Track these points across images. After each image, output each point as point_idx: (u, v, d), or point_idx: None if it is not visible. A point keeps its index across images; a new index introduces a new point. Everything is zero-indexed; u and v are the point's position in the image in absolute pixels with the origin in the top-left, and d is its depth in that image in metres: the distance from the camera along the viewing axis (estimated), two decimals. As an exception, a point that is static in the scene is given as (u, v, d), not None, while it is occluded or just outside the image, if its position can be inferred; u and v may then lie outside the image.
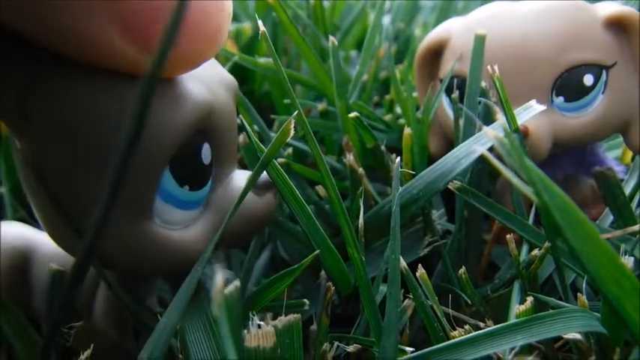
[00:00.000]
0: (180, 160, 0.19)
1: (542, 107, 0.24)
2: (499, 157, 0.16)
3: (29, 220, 0.33)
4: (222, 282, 0.13)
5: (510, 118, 0.25)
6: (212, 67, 0.22)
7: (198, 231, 0.21)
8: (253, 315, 0.19)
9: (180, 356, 0.21)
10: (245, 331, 0.18)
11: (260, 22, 0.24)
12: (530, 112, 0.25)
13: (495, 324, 0.24)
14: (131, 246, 0.19)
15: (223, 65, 0.44)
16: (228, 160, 0.22)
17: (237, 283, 0.15)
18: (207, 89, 0.20)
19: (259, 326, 0.18)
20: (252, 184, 0.21)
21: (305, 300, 0.23)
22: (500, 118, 0.16)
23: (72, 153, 0.18)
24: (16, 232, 0.27)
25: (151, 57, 0.16)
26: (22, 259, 0.26)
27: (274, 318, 0.20)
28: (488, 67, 0.26)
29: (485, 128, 0.16)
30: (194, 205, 0.21)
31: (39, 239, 0.27)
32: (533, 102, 0.25)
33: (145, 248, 0.19)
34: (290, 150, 0.34)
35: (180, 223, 0.21)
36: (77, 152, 0.18)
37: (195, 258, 0.21)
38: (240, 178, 0.23)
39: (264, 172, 0.23)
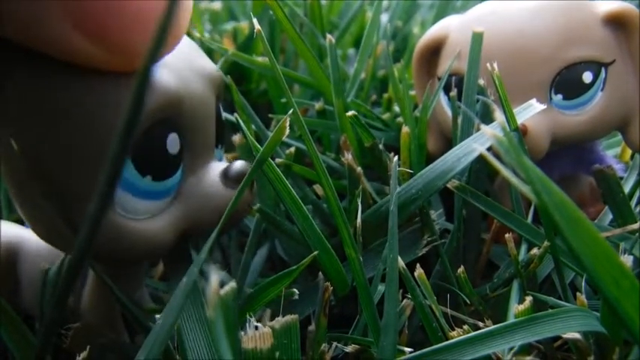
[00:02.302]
0: (142, 149, 0.19)
1: (543, 106, 0.24)
2: (498, 156, 0.15)
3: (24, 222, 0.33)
4: (217, 283, 0.13)
5: (509, 117, 0.25)
6: (189, 57, 0.22)
7: (164, 221, 0.21)
8: (251, 316, 0.18)
9: (178, 357, 0.20)
10: (242, 332, 0.17)
11: (255, 21, 0.24)
12: (531, 111, 0.25)
13: (494, 323, 0.24)
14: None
15: (221, 63, 0.44)
16: (202, 151, 0.22)
17: (232, 284, 0.15)
18: (176, 78, 0.20)
19: (256, 327, 0.18)
20: (241, 193, 0.21)
21: (294, 290, 0.23)
22: (499, 116, 0.16)
23: (51, 146, 0.18)
24: (3, 229, 0.27)
25: (113, 54, 0.17)
26: (9, 256, 0.26)
27: (272, 317, 0.20)
28: (487, 64, 0.26)
29: (484, 127, 0.16)
30: (160, 195, 0.21)
31: (26, 236, 0.26)
32: (533, 101, 0.25)
33: (107, 237, 0.19)
34: (292, 149, 0.34)
35: (144, 213, 0.20)
36: (60, 147, 0.18)
37: (160, 248, 0.21)
38: (214, 170, 0.22)
39: (238, 164, 0.22)
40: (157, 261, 0.34)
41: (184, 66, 0.21)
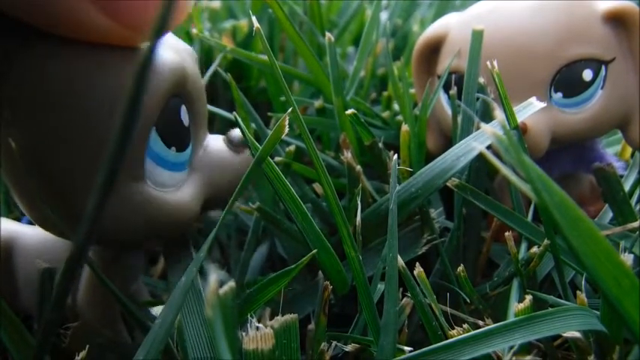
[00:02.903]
0: (165, 122, 0.20)
1: (543, 104, 0.24)
2: (497, 155, 0.15)
3: (22, 221, 0.32)
4: (216, 283, 0.13)
5: (509, 115, 0.25)
6: (173, 37, 0.23)
7: (189, 192, 0.22)
8: (252, 317, 0.18)
9: (178, 355, 0.20)
10: (243, 333, 0.17)
11: (254, 19, 0.24)
12: (531, 110, 0.24)
13: (494, 322, 0.24)
14: (127, 209, 0.20)
15: (221, 60, 0.44)
16: (201, 124, 0.23)
17: (231, 283, 0.15)
18: (178, 55, 0.21)
19: (257, 328, 0.18)
20: (245, 184, 0.22)
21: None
22: (499, 114, 0.16)
23: (56, 128, 0.18)
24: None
25: (130, 30, 0.17)
26: (5, 252, 0.26)
27: (271, 316, 0.20)
28: (488, 62, 0.26)
29: (484, 125, 0.16)
30: (181, 167, 0.22)
31: (21, 231, 0.26)
32: (533, 99, 0.25)
33: (140, 210, 0.20)
34: (292, 148, 0.33)
35: (171, 185, 0.21)
36: (61, 127, 0.18)
37: (189, 219, 0.22)
38: (215, 140, 0.24)
39: (236, 130, 0.24)
40: (157, 258, 0.34)
41: (177, 44, 0.22)
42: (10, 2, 0.17)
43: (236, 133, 0.24)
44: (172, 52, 0.21)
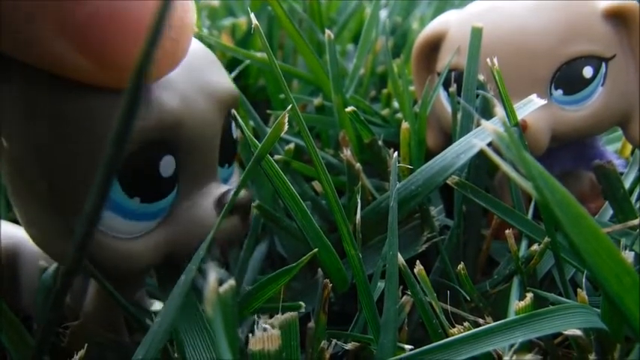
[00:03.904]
0: (132, 171, 0.19)
1: (543, 102, 0.24)
2: (498, 152, 0.15)
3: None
4: (215, 281, 0.13)
5: (510, 112, 0.25)
6: (199, 74, 0.21)
7: (148, 243, 0.20)
8: (259, 318, 0.18)
9: (176, 356, 0.20)
10: (250, 334, 0.17)
11: (253, 16, 0.23)
12: (531, 107, 0.24)
13: (494, 320, 0.24)
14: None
15: (220, 59, 0.44)
16: (200, 173, 0.21)
17: (231, 282, 0.15)
18: (176, 98, 0.19)
19: (265, 329, 0.17)
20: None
21: (301, 303, 0.23)
22: (500, 111, 0.16)
23: (49, 155, 0.18)
24: (2, 230, 0.27)
25: (109, 71, 0.16)
26: (10, 257, 0.26)
27: (271, 317, 0.20)
28: (488, 59, 0.26)
29: (485, 122, 0.16)
30: (147, 217, 0.20)
31: (25, 236, 0.26)
32: (533, 96, 0.25)
33: (88, 253, 0.18)
34: (292, 146, 0.33)
35: (129, 233, 0.20)
36: (51, 153, 0.18)
37: (142, 269, 0.20)
38: (211, 194, 0.21)
39: (231, 192, 0.21)
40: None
41: (191, 84, 0.20)
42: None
43: (231, 195, 0.21)
44: (169, 93, 0.19)
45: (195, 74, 0.20)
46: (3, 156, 0.19)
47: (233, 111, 0.21)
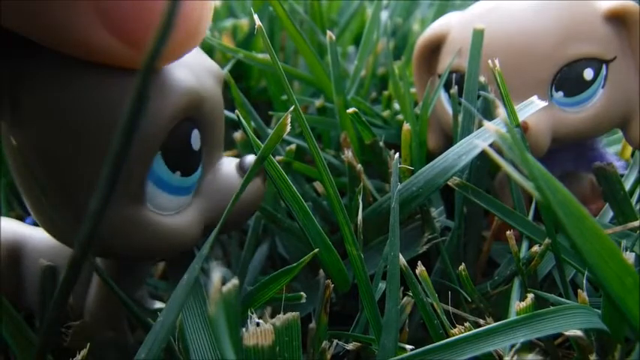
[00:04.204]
0: (171, 146, 0.20)
1: (544, 103, 0.24)
2: (499, 153, 0.15)
3: (24, 219, 0.32)
4: (219, 280, 0.13)
5: (511, 114, 0.25)
6: (198, 56, 0.22)
7: (189, 217, 0.21)
8: (252, 313, 0.18)
9: (180, 354, 0.20)
10: (243, 329, 0.17)
11: (256, 17, 0.23)
12: (532, 109, 0.24)
13: (495, 321, 0.24)
14: (123, 230, 0.19)
15: (220, 61, 0.44)
16: (216, 147, 0.23)
17: (235, 281, 0.15)
18: (195, 77, 0.20)
19: (258, 324, 0.18)
20: (249, 180, 0.21)
21: (302, 293, 0.23)
22: (502, 112, 0.16)
23: (64, 143, 0.18)
24: (5, 227, 0.27)
25: (138, 51, 0.17)
26: (13, 254, 0.26)
27: (273, 315, 0.20)
28: (489, 61, 0.26)
29: (487, 123, 0.16)
30: (186, 191, 0.21)
31: (28, 233, 0.27)
32: (534, 98, 0.25)
33: (137, 232, 0.20)
34: (293, 147, 0.33)
35: (172, 209, 0.21)
36: (69, 142, 0.18)
37: (187, 243, 0.21)
38: (228, 164, 0.23)
39: (250, 157, 0.23)
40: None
41: (197, 64, 0.21)
42: (26, 28, 0.17)
43: (249, 159, 0.23)
44: (188, 72, 0.20)
45: (195, 56, 0.21)
46: (12, 147, 0.19)
47: (236, 112, 0.22)
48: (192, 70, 0.20)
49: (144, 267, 0.26)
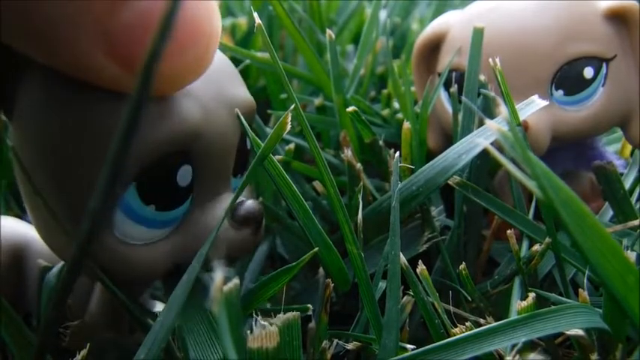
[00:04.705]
0: (149, 178, 0.19)
1: (545, 102, 0.24)
2: (500, 151, 0.15)
3: (23, 218, 0.32)
4: (221, 279, 0.13)
5: (512, 113, 0.25)
6: (219, 85, 0.21)
7: (160, 251, 0.20)
8: (257, 315, 0.18)
9: (179, 354, 0.20)
10: (248, 331, 0.17)
11: (256, 15, 0.23)
12: (533, 108, 0.24)
13: (495, 320, 0.24)
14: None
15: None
16: (215, 184, 0.21)
17: (236, 280, 0.14)
18: (198, 109, 0.19)
19: (264, 327, 0.17)
20: (232, 205, 0.20)
21: (309, 305, 0.23)
22: (504, 110, 0.16)
23: (54, 161, 0.18)
24: (9, 227, 0.27)
25: (133, 76, 0.16)
26: (17, 255, 0.26)
27: (273, 315, 0.20)
28: (490, 59, 0.26)
29: (489, 121, 0.16)
30: (161, 225, 0.20)
31: (32, 234, 0.26)
32: (535, 97, 0.25)
33: (101, 257, 0.19)
34: (292, 146, 0.33)
35: (141, 239, 0.20)
36: (59, 161, 0.18)
37: (150, 276, 0.20)
38: (224, 204, 0.21)
39: (249, 203, 0.21)
40: None
41: (211, 95, 0.20)
42: (26, 49, 0.17)
43: (244, 207, 0.21)
44: (191, 103, 0.19)
45: (215, 85, 0.20)
46: (13, 154, 0.19)
47: (236, 110, 0.21)
48: (199, 100, 0.19)
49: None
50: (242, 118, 0.21)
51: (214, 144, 0.20)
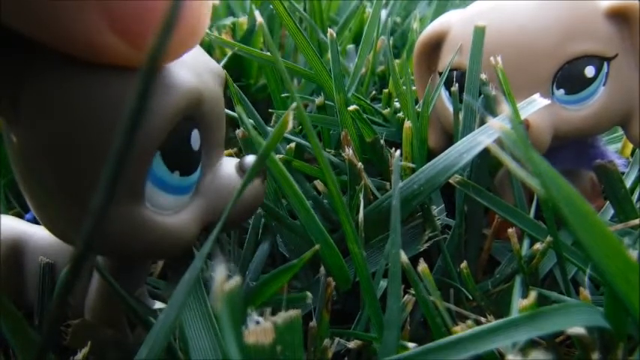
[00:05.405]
0: (171, 145, 0.20)
1: (547, 101, 0.24)
2: (501, 150, 0.15)
3: (24, 216, 0.32)
4: (223, 277, 0.13)
5: (513, 112, 0.25)
6: (200, 56, 0.22)
7: (188, 216, 0.21)
8: (252, 311, 0.18)
9: (180, 353, 0.20)
10: (243, 327, 0.17)
11: (257, 13, 0.23)
12: (534, 107, 0.24)
13: (496, 319, 0.24)
14: (122, 229, 0.19)
15: (220, 58, 0.44)
16: (216, 147, 0.22)
17: (237, 278, 0.14)
18: (196, 77, 0.20)
19: (257, 322, 0.17)
20: (249, 180, 0.21)
21: (308, 293, 0.23)
22: (506, 109, 0.16)
23: (65, 142, 0.18)
24: (7, 225, 0.27)
25: (140, 50, 0.17)
26: (16, 252, 0.26)
27: (274, 313, 0.20)
28: (491, 58, 0.26)
29: (491, 120, 0.16)
30: (185, 191, 0.21)
31: (31, 232, 0.26)
32: (536, 96, 0.25)
33: (136, 232, 0.20)
34: (293, 145, 0.33)
35: (171, 208, 0.21)
36: (70, 141, 0.18)
37: (185, 243, 0.21)
38: (228, 164, 0.23)
39: (250, 157, 0.23)
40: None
41: (198, 63, 0.21)
42: (29, 29, 0.17)
43: (249, 160, 0.23)
44: (189, 72, 0.20)
45: (195, 55, 0.21)
46: (13, 151, 0.19)
47: (238, 109, 0.22)
48: (194, 70, 0.20)
49: (143, 267, 0.26)
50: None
51: (212, 108, 0.21)
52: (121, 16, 0.17)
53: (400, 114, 0.40)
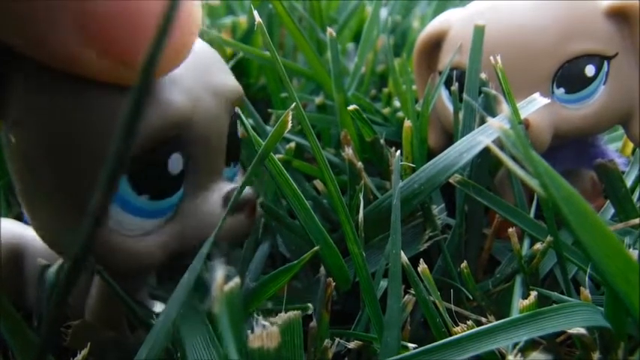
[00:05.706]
0: (141, 169, 0.19)
1: (547, 100, 0.24)
2: (501, 149, 0.15)
3: (23, 218, 0.32)
4: (222, 278, 0.13)
5: (513, 111, 0.25)
6: (205, 72, 0.21)
7: (156, 241, 0.20)
8: (258, 315, 0.18)
9: (179, 355, 0.20)
10: (249, 331, 0.17)
11: (256, 13, 0.23)
12: (534, 106, 0.24)
13: (497, 319, 0.24)
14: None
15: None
16: (207, 171, 0.21)
17: (237, 279, 0.14)
18: (185, 96, 0.19)
19: (264, 326, 0.17)
20: (231, 212, 0.20)
21: (309, 305, 0.23)
22: (506, 108, 0.16)
23: (65, 144, 0.18)
24: (6, 228, 0.27)
25: (126, 68, 0.16)
26: (15, 254, 0.26)
27: (271, 313, 0.20)
28: (491, 57, 0.26)
29: (490, 119, 0.16)
30: (155, 214, 0.20)
31: (31, 235, 0.26)
32: (536, 95, 0.25)
33: (98, 249, 0.19)
34: (292, 145, 0.33)
35: (137, 230, 0.20)
36: (69, 143, 0.18)
37: (149, 266, 0.20)
38: (218, 191, 0.21)
39: (234, 187, 0.21)
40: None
41: (198, 82, 0.20)
42: (8, 40, 0.17)
43: (233, 190, 0.21)
44: (178, 91, 0.19)
45: (200, 72, 0.20)
46: (10, 152, 0.19)
47: (237, 109, 0.21)
48: (185, 88, 0.19)
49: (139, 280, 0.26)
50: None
51: (203, 131, 0.20)
52: (92, 27, 0.16)
53: (400, 113, 0.40)
